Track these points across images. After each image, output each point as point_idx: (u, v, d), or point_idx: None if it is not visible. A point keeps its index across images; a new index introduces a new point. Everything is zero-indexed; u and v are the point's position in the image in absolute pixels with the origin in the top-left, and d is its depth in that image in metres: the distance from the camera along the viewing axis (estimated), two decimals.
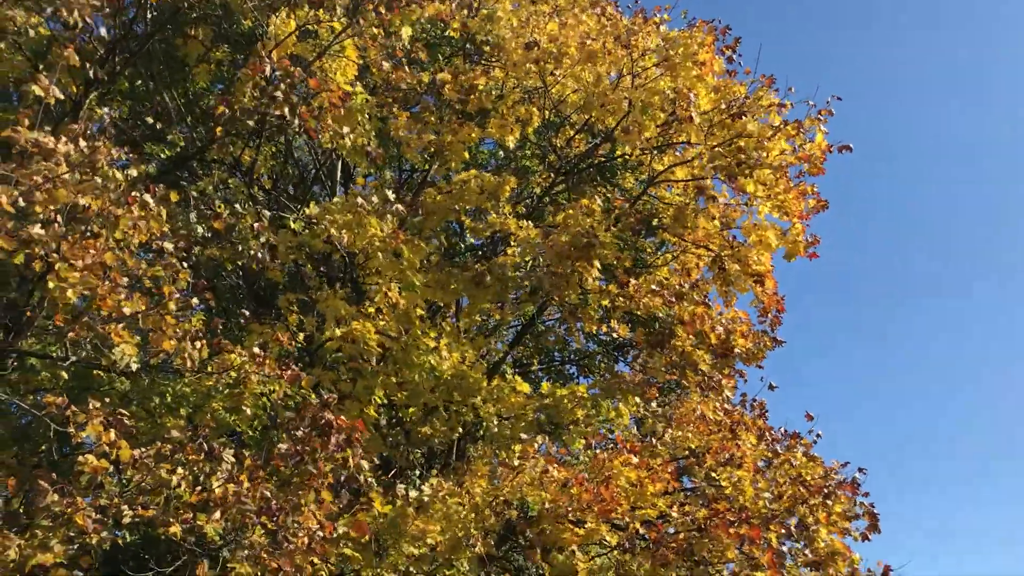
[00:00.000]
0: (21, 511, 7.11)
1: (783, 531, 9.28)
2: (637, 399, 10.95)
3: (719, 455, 9.54)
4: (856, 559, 10.29)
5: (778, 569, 8.70)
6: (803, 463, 10.22)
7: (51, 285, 6.89)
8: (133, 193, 7.50)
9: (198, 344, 7.92)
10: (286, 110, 9.13)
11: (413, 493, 8.92)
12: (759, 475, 9.78)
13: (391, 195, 10.60)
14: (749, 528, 8.16)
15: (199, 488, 7.41)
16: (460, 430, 11.08)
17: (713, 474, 9.65)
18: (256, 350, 8.74)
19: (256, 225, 9.93)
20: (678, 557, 8.11)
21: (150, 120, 10.32)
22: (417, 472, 12.30)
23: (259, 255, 9.80)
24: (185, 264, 8.04)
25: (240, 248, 9.80)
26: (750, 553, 8.34)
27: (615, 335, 13.20)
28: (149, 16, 10.07)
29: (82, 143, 7.33)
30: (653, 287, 11.09)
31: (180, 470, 7.35)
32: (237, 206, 10.20)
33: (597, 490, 8.02)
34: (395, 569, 8.89)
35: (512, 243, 11.02)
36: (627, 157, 14.11)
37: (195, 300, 8.23)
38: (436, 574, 9.29)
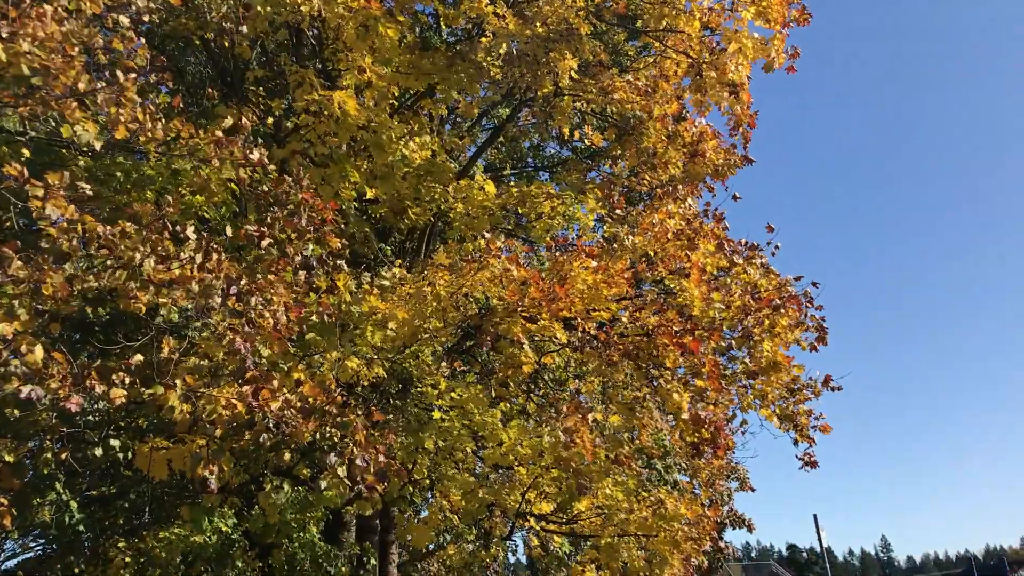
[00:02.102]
0: None
1: (724, 344, 9.55)
2: (602, 202, 10.98)
3: (671, 263, 9.66)
4: (799, 369, 10.70)
5: (717, 379, 9.06)
6: (759, 274, 10.38)
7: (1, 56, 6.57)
8: None
9: (159, 124, 7.66)
10: None
11: (377, 281, 9.06)
12: (711, 284, 9.97)
13: None
14: (692, 340, 8.44)
15: (163, 267, 7.40)
16: (430, 219, 11.08)
17: (666, 282, 9.82)
18: (220, 134, 8.46)
19: None
20: (623, 358, 8.44)
21: None
22: (386, 268, 12.48)
23: (227, 18, 9.16)
24: (143, 40, 7.65)
25: (207, 15, 9.16)
26: (691, 361, 8.66)
27: (588, 142, 13.10)
28: None
29: None
30: (628, 79, 10.81)
31: (146, 246, 7.30)
32: None
33: (552, 288, 8.19)
34: (361, 357, 9.12)
35: (487, 32, 10.56)
36: None
37: (154, 77, 7.87)
38: (400, 364, 9.58)
